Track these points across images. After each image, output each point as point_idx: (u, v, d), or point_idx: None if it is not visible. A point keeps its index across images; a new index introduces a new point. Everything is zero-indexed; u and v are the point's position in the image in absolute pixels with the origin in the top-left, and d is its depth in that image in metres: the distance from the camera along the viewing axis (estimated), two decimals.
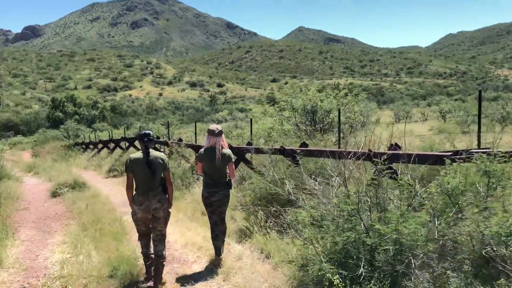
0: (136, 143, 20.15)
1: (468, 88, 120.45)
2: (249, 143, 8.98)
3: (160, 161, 4.88)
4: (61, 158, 23.53)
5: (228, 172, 5.61)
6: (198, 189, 9.52)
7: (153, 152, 4.92)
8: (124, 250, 5.91)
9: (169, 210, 5.08)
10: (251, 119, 11.27)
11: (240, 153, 8.57)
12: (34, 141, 43.58)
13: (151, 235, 5.01)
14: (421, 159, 4.79)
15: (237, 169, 8.96)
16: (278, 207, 5.78)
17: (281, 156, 7.43)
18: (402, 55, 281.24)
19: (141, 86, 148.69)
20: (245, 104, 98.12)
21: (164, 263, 4.93)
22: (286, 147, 7.31)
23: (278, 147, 7.57)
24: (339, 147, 7.36)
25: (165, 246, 4.98)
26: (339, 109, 8.40)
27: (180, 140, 13.88)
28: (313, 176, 5.36)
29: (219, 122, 47.10)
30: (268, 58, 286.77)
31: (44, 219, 9.28)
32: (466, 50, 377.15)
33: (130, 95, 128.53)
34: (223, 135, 5.61)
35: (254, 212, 6.30)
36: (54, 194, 12.28)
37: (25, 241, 7.44)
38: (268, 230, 5.74)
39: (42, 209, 10.57)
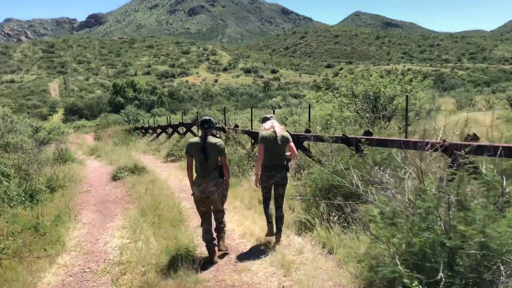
0: (194, 128, 20.38)
1: None
2: (308, 130, 8.66)
3: (216, 146, 5.12)
4: (122, 142, 24.28)
5: (289, 153, 5.68)
6: (254, 176, 9.39)
7: (210, 138, 5.15)
8: (182, 238, 5.85)
9: (225, 193, 5.33)
10: (309, 105, 10.80)
11: (298, 141, 8.29)
12: (97, 124, 45.47)
13: (212, 218, 5.37)
14: (509, 152, 4.30)
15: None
16: (341, 199, 5.47)
17: (343, 145, 7.09)
18: (464, 40, 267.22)
19: (197, 73, 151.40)
20: (299, 90, 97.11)
21: (224, 229, 5.53)
22: (349, 135, 6.95)
23: (339, 135, 7.22)
24: (406, 137, 6.91)
25: (224, 215, 5.49)
26: (407, 96, 7.86)
27: (236, 126, 13.77)
28: (381, 168, 4.99)
29: (273, 108, 46.87)
30: (323, 43, 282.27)
31: (105, 202, 9.49)
32: None
33: (187, 81, 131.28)
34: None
35: (315, 203, 6.02)
36: (115, 178, 12.60)
37: (86, 224, 7.61)
38: (331, 224, 5.45)
39: (103, 192, 10.85)
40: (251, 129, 13.07)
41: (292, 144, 5.66)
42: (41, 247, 5.71)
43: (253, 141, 11.39)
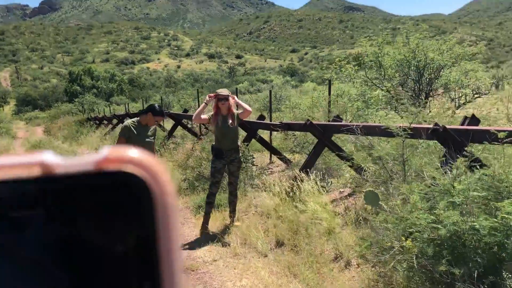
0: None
1: (498, 56, 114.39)
2: (338, 117, 6.35)
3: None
4: (72, 136, 21.36)
5: None
6: None
7: None
8: None
9: None
10: (329, 81, 8.12)
11: (325, 134, 5.95)
12: (49, 116, 41.78)
13: None
14: None
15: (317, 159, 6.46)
16: None
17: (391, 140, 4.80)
18: (425, 23, 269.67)
19: (158, 59, 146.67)
20: (266, 76, 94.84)
21: None
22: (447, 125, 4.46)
23: (426, 124, 4.84)
24: None
25: None
26: None
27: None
28: None
29: (242, 93, 44.46)
30: (287, 28, 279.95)
31: None
32: (492, 16, 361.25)
33: (148, 68, 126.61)
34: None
35: None
36: None
37: None
38: None
39: None
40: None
41: None
42: None
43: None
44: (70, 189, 0.29)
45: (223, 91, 5.52)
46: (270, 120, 9.34)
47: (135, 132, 4.96)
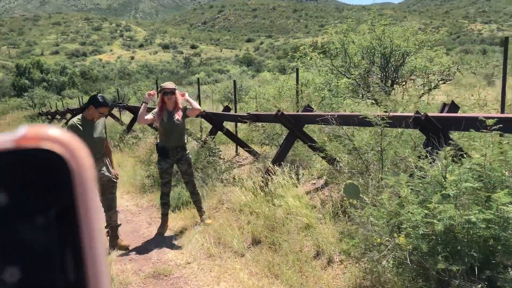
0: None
1: (446, 43, 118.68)
2: (309, 107, 6.13)
3: None
4: None
5: None
6: None
7: None
8: None
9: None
10: (297, 69, 7.79)
11: (297, 124, 5.69)
12: None
13: None
14: None
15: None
16: None
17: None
18: (376, 12, 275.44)
19: (111, 50, 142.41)
20: (222, 66, 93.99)
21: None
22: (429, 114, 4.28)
23: (406, 113, 4.70)
24: None
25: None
26: (506, 38, 5.62)
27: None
28: None
29: (199, 85, 43.72)
30: (242, 17, 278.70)
31: None
32: (439, 5, 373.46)
33: (100, 60, 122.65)
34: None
35: None
36: None
37: None
38: None
39: None
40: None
41: None
42: None
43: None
44: None
45: (169, 85, 5.10)
46: (235, 112, 9.06)
47: (81, 129, 4.50)
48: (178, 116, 5.02)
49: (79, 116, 4.71)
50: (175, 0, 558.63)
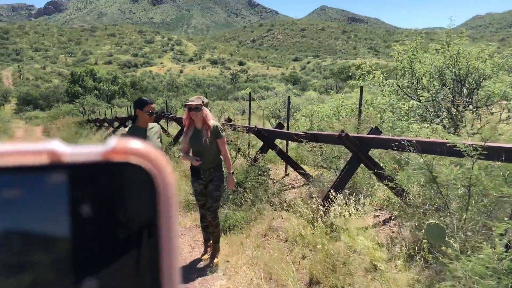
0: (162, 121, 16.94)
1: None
2: (377, 129, 5.47)
3: None
4: (71, 138, 20.49)
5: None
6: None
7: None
8: None
9: None
10: (361, 87, 7.02)
11: (362, 148, 5.02)
12: (49, 116, 40.94)
13: None
14: None
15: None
16: None
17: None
18: (428, 36, 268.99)
19: (161, 63, 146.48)
20: (268, 83, 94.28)
21: None
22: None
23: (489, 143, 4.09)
24: None
25: None
26: None
27: (229, 120, 10.62)
28: None
29: (250, 99, 43.67)
30: (290, 37, 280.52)
31: None
32: (495, 32, 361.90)
33: (151, 72, 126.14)
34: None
35: None
36: None
37: None
38: None
39: None
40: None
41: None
42: None
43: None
44: (76, 177, 0.30)
45: (194, 99, 4.30)
46: (288, 129, 8.51)
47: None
48: (206, 136, 4.28)
49: (131, 125, 4.32)
50: (226, 17, 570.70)
